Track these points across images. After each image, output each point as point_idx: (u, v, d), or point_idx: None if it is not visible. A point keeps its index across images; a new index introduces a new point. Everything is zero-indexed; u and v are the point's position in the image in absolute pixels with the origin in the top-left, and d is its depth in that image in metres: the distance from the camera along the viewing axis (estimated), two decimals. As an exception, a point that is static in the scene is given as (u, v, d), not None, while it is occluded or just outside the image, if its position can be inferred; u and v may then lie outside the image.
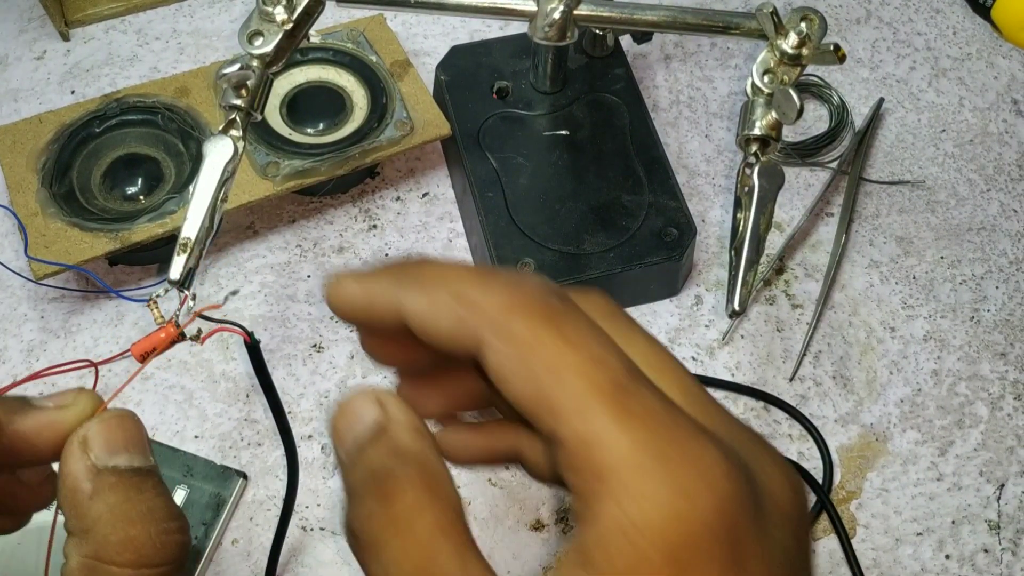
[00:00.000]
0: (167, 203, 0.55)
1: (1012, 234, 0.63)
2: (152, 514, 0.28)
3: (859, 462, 0.55)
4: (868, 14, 0.73)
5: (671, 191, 0.58)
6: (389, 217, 0.61)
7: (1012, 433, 0.56)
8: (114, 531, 0.27)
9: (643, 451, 0.21)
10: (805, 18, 0.46)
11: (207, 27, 0.69)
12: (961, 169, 0.66)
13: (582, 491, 0.22)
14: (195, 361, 0.56)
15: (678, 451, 0.21)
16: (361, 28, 0.63)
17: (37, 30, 0.68)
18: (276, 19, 0.44)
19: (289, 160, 0.56)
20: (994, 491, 0.54)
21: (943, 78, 0.70)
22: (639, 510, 0.21)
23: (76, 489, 0.28)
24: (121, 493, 0.28)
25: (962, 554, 0.52)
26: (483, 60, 0.62)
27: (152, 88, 0.59)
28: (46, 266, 0.52)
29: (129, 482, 0.28)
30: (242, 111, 0.44)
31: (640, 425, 0.21)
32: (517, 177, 0.58)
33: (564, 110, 0.61)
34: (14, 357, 0.55)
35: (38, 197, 0.54)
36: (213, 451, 0.53)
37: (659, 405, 0.22)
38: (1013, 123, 0.68)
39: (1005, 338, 0.59)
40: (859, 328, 0.59)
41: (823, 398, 0.56)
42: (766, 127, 0.46)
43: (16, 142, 0.56)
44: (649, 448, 0.21)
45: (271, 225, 0.61)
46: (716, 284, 0.60)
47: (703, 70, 0.69)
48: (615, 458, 0.21)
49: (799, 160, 0.65)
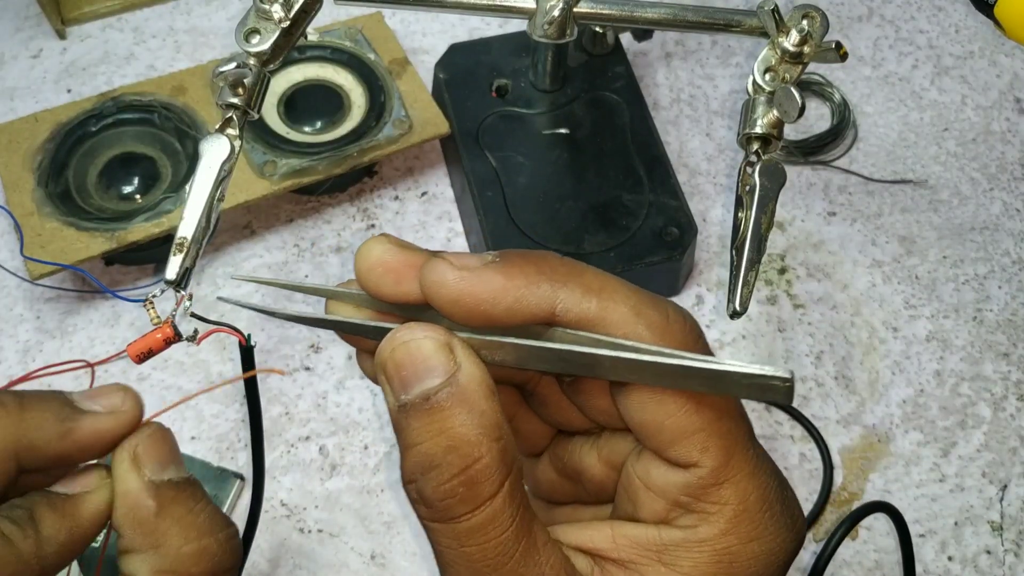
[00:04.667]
0: (163, 202, 0.55)
1: (1015, 233, 0.63)
2: (214, 521, 0.28)
3: (861, 463, 0.54)
4: (870, 12, 0.73)
5: (672, 190, 0.57)
6: (387, 216, 0.61)
7: (1015, 434, 0.56)
8: (187, 543, 0.27)
9: (763, 499, 0.26)
10: (807, 16, 0.46)
11: (204, 25, 0.69)
12: (964, 168, 0.65)
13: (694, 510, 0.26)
14: (192, 362, 0.55)
15: (784, 503, 0.27)
16: (359, 26, 0.62)
17: (33, 28, 0.68)
18: (273, 17, 0.44)
19: (286, 159, 0.56)
20: (997, 492, 0.54)
21: (945, 76, 0.70)
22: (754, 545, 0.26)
23: (139, 506, 0.27)
24: (183, 505, 0.28)
25: (965, 555, 0.52)
26: (482, 58, 0.62)
27: (149, 87, 0.59)
28: (42, 266, 0.51)
29: (185, 494, 0.28)
30: (239, 110, 0.44)
31: (765, 475, 0.27)
32: (516, 176, 0.58)
33: (564, 108, 0.60)
34: (10, 357, 0.55)
35: (34, 196, 0.54)
36: (210, 452, 0.52)
37: (767, 461, 0.27)
38: (1016, 121, 0.68)
39: (1008, 338, 0.59)
40: (861, 328, 0.59)
41: (825, 399, 0.56)
42: (767, 125, 0.46)
43: (12, 141, 0.56)
44: (767, 497, 0.26)
45: (268, 225, 0.60)
46: (717, 284, 0.59)
47: (704, 68, 0.69)
48: (746, 500, 0.26)
49: (801, 159, 0.65)
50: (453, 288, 0.25)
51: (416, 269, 0.26)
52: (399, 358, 0.25)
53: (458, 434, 0.24)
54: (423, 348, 0.25)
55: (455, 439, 0.24)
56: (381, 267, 0.27)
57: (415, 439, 0.25)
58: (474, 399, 0.25)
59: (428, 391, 0.25)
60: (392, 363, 0.25)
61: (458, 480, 0.24)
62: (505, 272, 0.25)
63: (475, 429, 0.24)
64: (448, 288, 0.25)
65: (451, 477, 0.24)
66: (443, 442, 0.24)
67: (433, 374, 0.25)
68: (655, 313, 0.26)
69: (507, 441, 0.25)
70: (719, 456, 0.26)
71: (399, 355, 0.25)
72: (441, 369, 0.25)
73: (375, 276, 0.27)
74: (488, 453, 0.24)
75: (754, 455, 0.26)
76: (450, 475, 0.24)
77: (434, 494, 0.25)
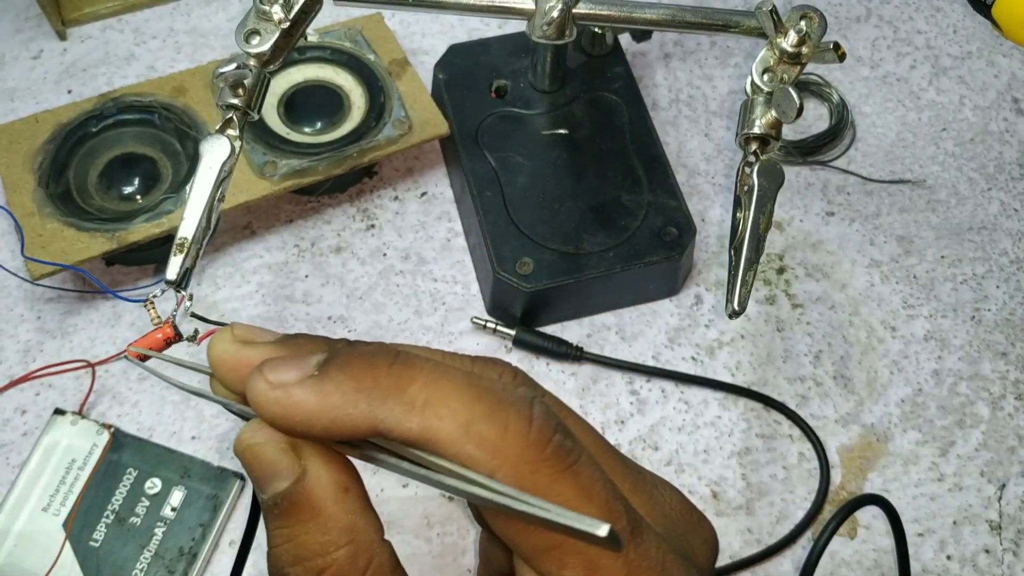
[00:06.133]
0: (164, 203, 0.55)
1: (1013, 233, 0.63)
2: None
3: (860, 462, 0.55)
4: (868, 12, 0.73)
5: (670, 190, 0.58)
6: (387, 217, 0.61)
7: (1013, 433, 0.56)
8: None
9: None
10: (805, 16, 0.46)
11: (204, 26, 0.69)
12: (962, 168, 0.66)
13: None
14: (192, 362, 0.55)
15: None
16: (359, 27, 0.62)
17: (34, 29, 0.68)
18: (273, 18, 0.44)
19: (286, 159, 0.56)
20: (995, 491, 0.54)
21: (943, 76, 0.70)
22: None
23: None
24: None
25: (963, 555, 0.52)
26: (481, 59, 0.62)
27: (149, 87, 0.59)
28: (42, 266, 0.51)
29: None
30: (239, 110, 0.44)
31: (645, 572, 0.24)
32: (516, 176, 0.58)
33: (563, 109, 0.60)
34: (10, 358, 0.55)
35: (34, 197, 0.54)
36: (210, 452, 0.53)
37: (657, 552, 0.24)
38: (1014, 122, 0.68)
39: (1006, 337, 0.59)
40: (860, 328, 0.59)
41: (824, 398, 0.56)
42: (766, 126, 0.46)
43: (12, 142, 0.56)
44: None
45: (268, 225, 0.61)
46: (716, 284, 0.59)
47: (703, 69, 0.69)
48: None
49: (799, 159, 0.65)
50: (267, 410, 0.24)
51: (251, 370, 0.25)
52: (247, 459, 0.25)
53: (303, 543, 0.24)
54: (265, 452, 0.24)
55: (300, 548, 0.24)
56: (222, 367, 0.26)
57: (270, 541, 0.25)
58: (320, 503, 0.24)
59: (276, 495, 0.24)
60: (243, 462, 0.25)
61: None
62: (319, 390, 0.23)
63: (320, 537, 0.24)
64: (263, 409, 0.24)
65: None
66: (290, 550, 0.24)
67: (279, 477, 0.24)
68: (489, 428, 0.23)
69: (359, 543, 0.24)
70: (580, 572, 0.23)
71: (247, 457, 0.25)
72: (286, 472, 0.24)
73: (219, 374, 0.26)
74: (334, 563, 0.24)
75: (626, 562, 0.24)
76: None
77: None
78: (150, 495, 0.50)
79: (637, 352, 0.57)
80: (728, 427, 0.55)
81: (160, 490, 0.50)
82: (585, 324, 0.58)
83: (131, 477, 0.50)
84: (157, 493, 0.50)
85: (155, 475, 0.50)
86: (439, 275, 0.59)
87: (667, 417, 0.55)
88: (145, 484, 0.50)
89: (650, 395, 0.56)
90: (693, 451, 0.54)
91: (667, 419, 0.55)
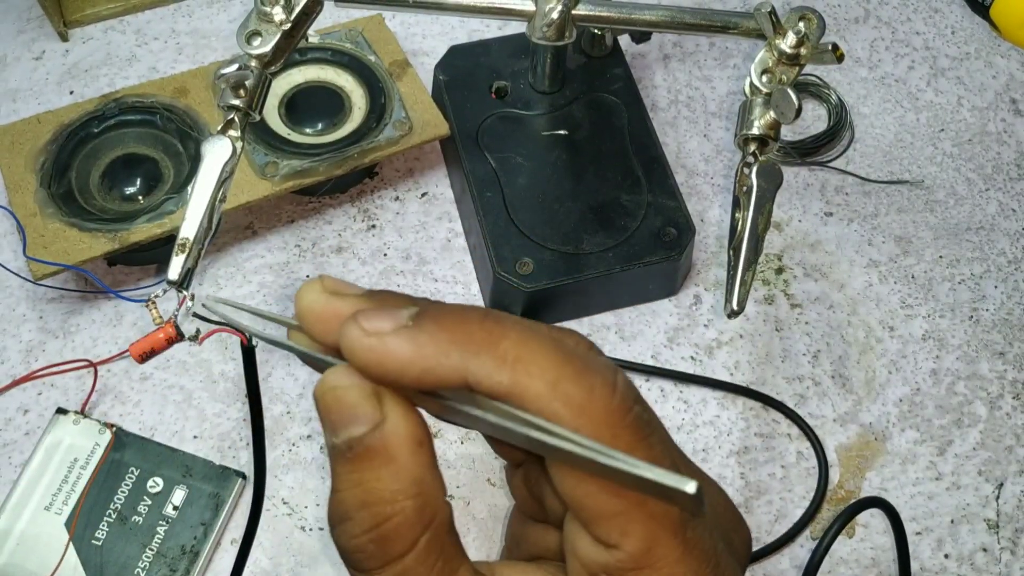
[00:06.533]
0: (166, 203, 0.55)
1: (1011, 233, 0.63)
2: None
3: (858, 461, 0.55)
4: (867, 13, 0.73)
5: (670, 191, 0.58)
6: (388, 217, 0.61)
7: (1011, 432, 0.56)
8: None
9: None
10: (803, 18, 0.46)
11: (206, 27, 0.69)
12: (960, 168, 0.66)
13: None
14: (194, 361, 0.56)
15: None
16: (360, 28, 0.63)
17: (36, 30, 0.68)
18: (274, 19, 0.44)
19: (288, 160, 0.56)
20: (993, 490, 0.54)
21: (942, 77, 0.70)
22: None
23: None
24: None
25: (961, 553, 0.52)
26: (482, 60, 0.62)
27: (151, 88, 0.59)
28: (45, 266, 0.52)
29: None
30: (240, 111, 0.44)
31: (696, 561, 0.25)
32: (516, 177, 0.58)
33: (563, 110, 0.61)
34: (13, 357, 0.55)
35: (36, 197, 0.54)
36: (212, 451, 0.53)
37: (711, 539, 0.25)
38: (1012, 122, 0.68)
39: (1004, 337, 0.59)
40: (858, 328, 0.59)
41: (822, 397, 0.56)
42: (764, 127, 0.46)
43: (15, 142, 0.56)
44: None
45: (270, 225, 0.61)
46: (715, 284, 0.60)
47: (702, 70, 0.69)
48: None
49: (798, 159, 0.65)
50: (361, 356, 0.24)
51: (341, 320, 0.25)
52: (328, 402, 0.25)
53: (372, 489, 0.24)
54: (349, 396, 0.25)
55: (369, 494, 0.24)
56: (310, 316, 0.26)
57: (337, 485, 0.25)
58: (395, 452, 0.24)
59: (352, 439, 0.25)
60: (323, 405, 0.25)
61: (367, 537, 0.24)
62: (414, 339, 0.24)
63: (392, 485, 0.24)
64: (357, 356, 0.24)
65: (361, 532, 0.24)
66: (359, 495, 0.24)
67: (358, 422, 0.24)
68: (576, 388, 0.23)
69: (427, 496, 0.25)
70: (640, 542, 0.24)
71: (328, 399, 0.25)
72: (366, 418, 0.24)
73: (307, 323, 0.26)
74: (401, 512, 0.24)
75: (683, 540, 0.24)
76: (361, 530, 0.24)
77: (345, 546, 0.25)
78: (152, 494, 0.50)
79: (636, 352, 0.57)
80: (727, 426, 0.55)
81: (162, 489, 0.50)
82: (585, 324, 0.58)
83: (133, 476, 0.50)
84: (159, 492, 0.50)
85: (157, 474, 0.51)
86: (440, 275, 0.60)
87: (666, 416, 0.55)
88: (147, 483, 0.50)
89: (649, 394, 0.56)
90: (692, 450, 0.55)
91: (666, 418, 0.55)
